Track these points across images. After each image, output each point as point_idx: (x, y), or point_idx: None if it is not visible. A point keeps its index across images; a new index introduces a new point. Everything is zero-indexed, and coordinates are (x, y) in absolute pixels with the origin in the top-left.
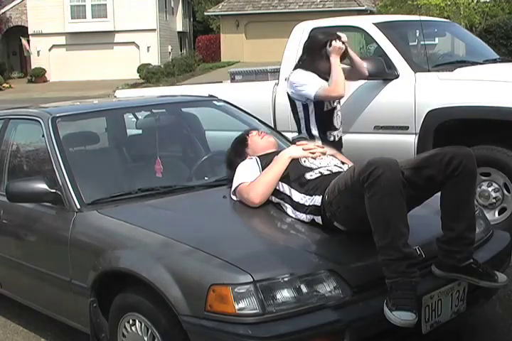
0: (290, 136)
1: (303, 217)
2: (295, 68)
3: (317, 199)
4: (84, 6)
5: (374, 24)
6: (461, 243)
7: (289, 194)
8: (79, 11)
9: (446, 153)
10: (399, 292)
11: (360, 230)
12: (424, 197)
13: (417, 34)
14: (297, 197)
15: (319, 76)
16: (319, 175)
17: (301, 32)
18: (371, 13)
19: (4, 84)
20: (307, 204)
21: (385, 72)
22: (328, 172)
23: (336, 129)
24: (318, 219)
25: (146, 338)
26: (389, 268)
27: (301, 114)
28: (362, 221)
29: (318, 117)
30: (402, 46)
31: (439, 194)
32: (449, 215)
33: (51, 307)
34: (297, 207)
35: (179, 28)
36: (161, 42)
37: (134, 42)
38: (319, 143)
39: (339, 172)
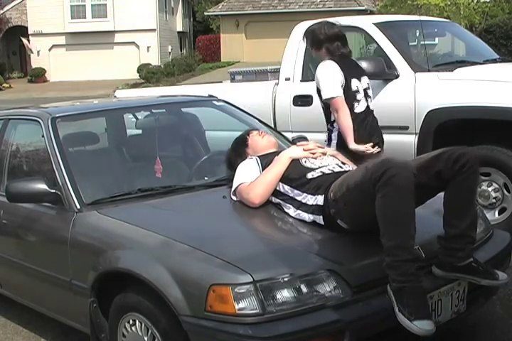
0: (290, 136)
1: (304, 216)
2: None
3: (320, 199)
4: (84, 5)
5: (374, 24)
6: (463, 241)
7: (290, 194)
8: (79, 11)
9: (454, 151)
10: (412, 300)
11: (363, 229)
12: (427, 197)
13: (417, 34)
14: (299, 196)
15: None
16: (321, 174)
17: (301, 32)
18: (371, 13)
19: (4, 84)
20: (309, 203)
21: (385, 72)
22: (330, 172)
23: None
24: (320, 219)
25: (146, 338)
26: (396, 270)
27: None
28: (366, 219)
29: None
30: (402, 46)
31: (439, 194)
32: (452, 212)
33: (51, 308)
34: (299, 206)
35: (179, 28)
36: (161, 42)
37: (134, 42)
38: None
39: (341, 172)
